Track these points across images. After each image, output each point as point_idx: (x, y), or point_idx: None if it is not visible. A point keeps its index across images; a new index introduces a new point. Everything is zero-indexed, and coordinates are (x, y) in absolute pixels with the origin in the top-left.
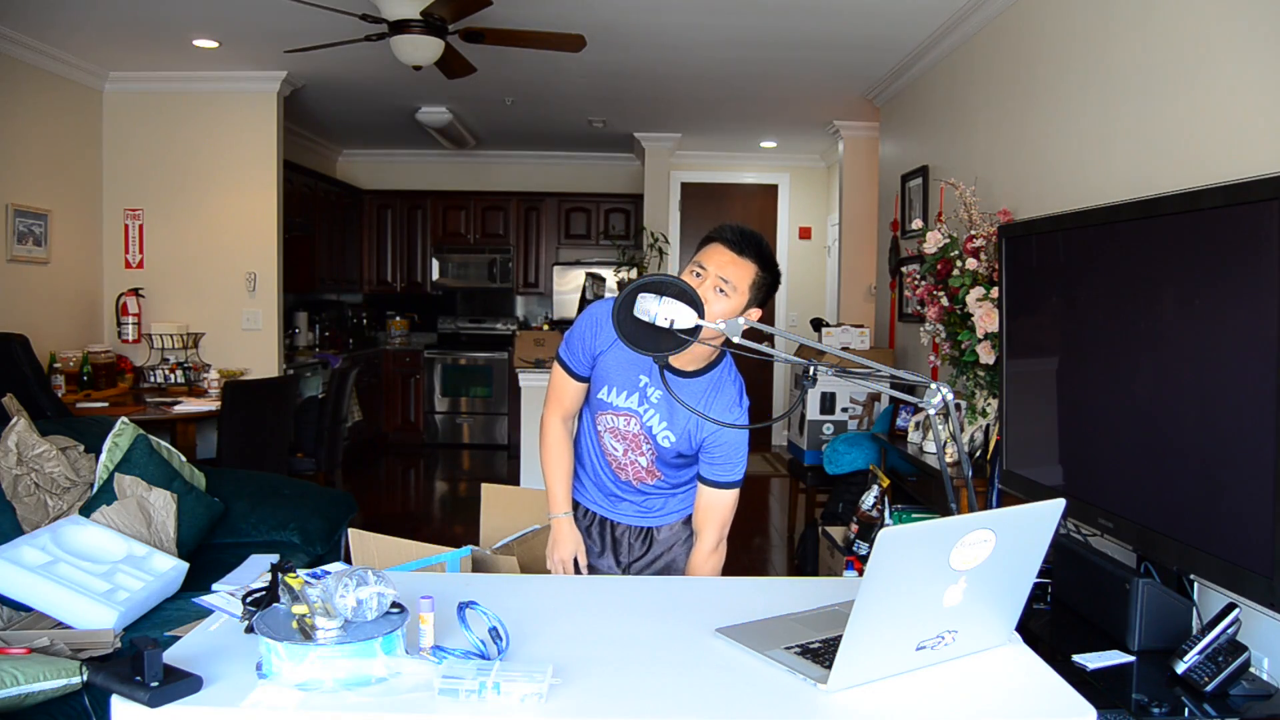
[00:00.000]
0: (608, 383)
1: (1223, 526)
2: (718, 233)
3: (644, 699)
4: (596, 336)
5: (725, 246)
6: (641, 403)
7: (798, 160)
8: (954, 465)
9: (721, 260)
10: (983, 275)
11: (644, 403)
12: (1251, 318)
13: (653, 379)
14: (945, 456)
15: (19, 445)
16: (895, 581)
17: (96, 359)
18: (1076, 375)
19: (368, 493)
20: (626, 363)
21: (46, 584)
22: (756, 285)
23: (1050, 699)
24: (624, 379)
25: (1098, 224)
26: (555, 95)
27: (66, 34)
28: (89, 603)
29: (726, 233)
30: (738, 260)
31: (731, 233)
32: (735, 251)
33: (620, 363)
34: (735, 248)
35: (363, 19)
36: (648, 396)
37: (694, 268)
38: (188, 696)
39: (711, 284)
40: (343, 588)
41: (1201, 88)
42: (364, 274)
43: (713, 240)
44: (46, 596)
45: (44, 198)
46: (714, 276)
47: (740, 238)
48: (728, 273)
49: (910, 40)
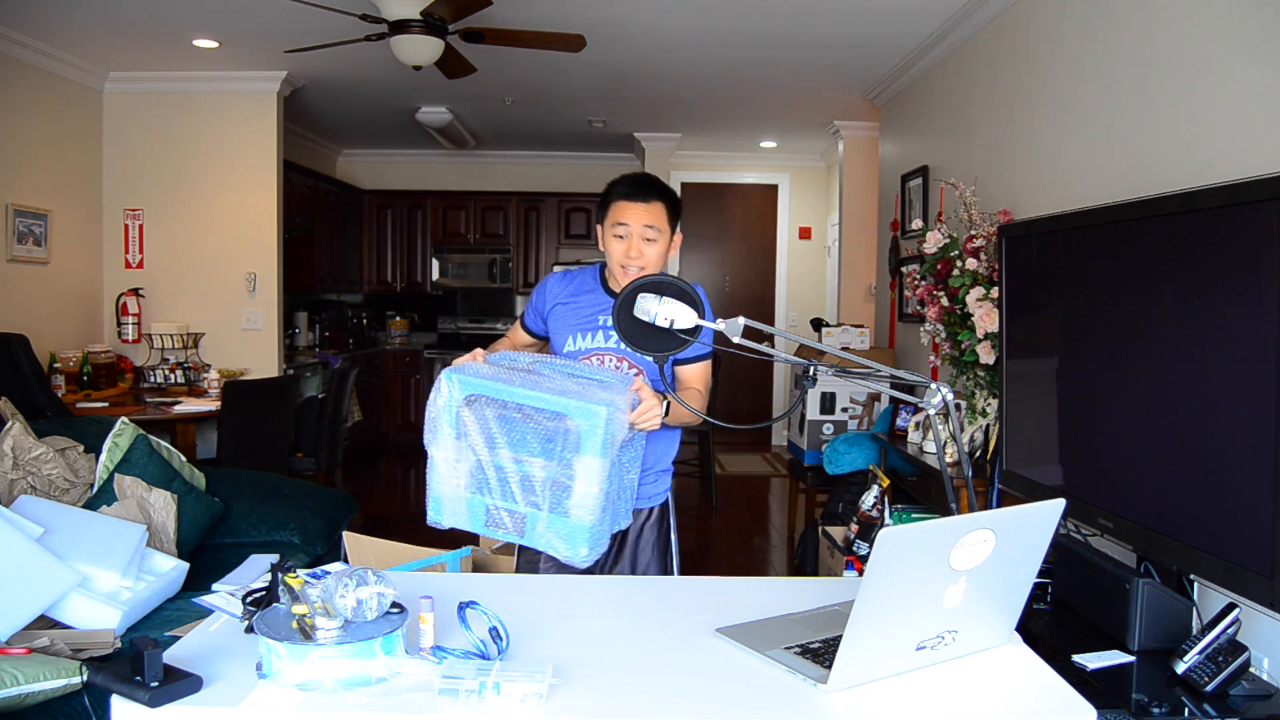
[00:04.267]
0: (569, 333)
1: (1223, 526)
2: (617, 190)
3: (644, 699)
4: (546, 296)
5: (632, 200)
6: (609, 337)
7: (798, 160)
8: (954, 465)
9: (636, 213)
10: (983, 275)
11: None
12: (1251, 318)
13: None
14: (945, 456)
15: (14, 449)
16: (895, 581)
17: (96, 359)
18: (1076, 375)
19: (368, 493)
20: (578, 307)
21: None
22: (671, 217)
23: (1050, 699)
24: (583, 323)
25: (1098, 224)
26: (555, 95)
27: (66, 34)
28: (92, 603)
29: (624, 187)
30: (648, 206)
31: (628, 185)
32: (642, 200)
33: (572, 310)
34: (641, 196)
35: (363, 19)
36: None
37: (614, 230)
38: (188, 696)
39: (639, 237)
40: (343, 588)
41: (1201, 88)
42: (364, 274)
43: (616, 199)
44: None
45: (44, 198)
46: (639, 229)
47: (638, 185)
48: (646, 221)
49: (910, 40)
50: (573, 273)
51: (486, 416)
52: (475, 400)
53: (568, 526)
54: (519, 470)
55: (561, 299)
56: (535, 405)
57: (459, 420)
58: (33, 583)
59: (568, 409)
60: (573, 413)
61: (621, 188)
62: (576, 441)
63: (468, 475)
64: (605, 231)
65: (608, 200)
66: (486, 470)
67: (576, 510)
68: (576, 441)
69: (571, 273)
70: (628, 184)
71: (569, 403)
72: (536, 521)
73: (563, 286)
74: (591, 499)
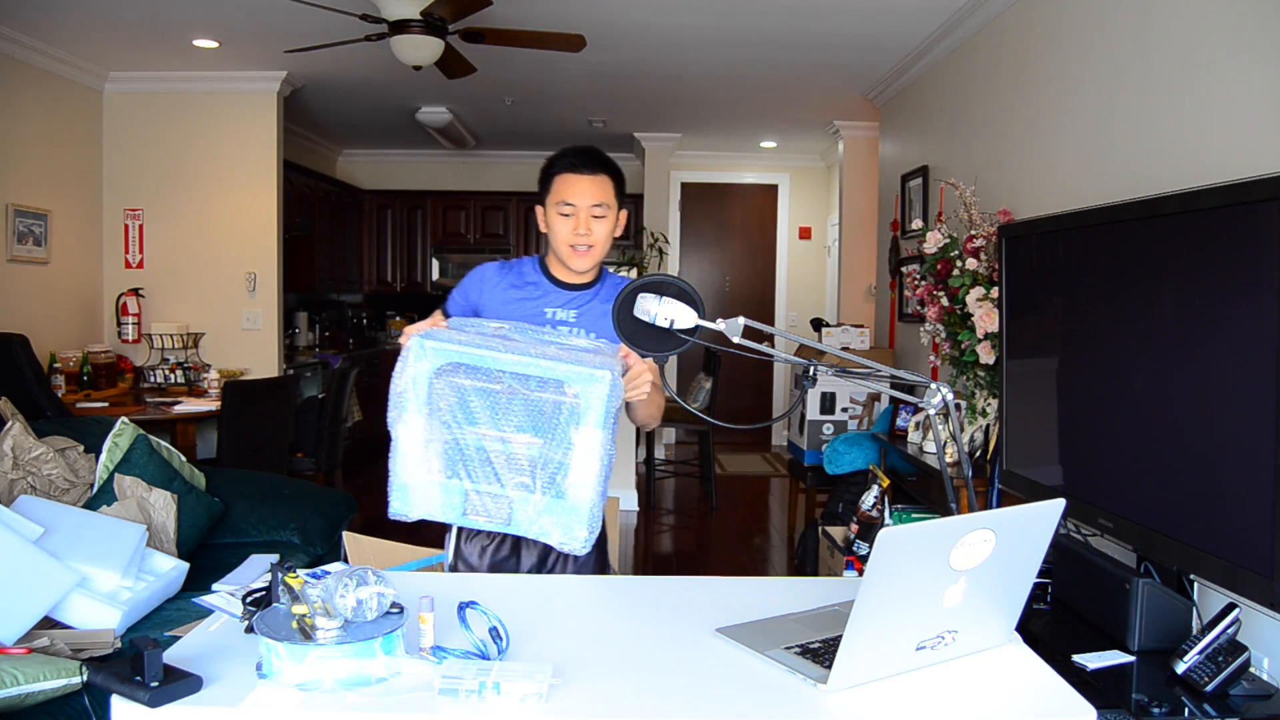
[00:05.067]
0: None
1: (1223, 526)
2: (561, 164)
3: (644, 699)
4: (483, 285)
5: (578, 173)
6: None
7: (798, 160)
8: (954, 465)
9: (582, 189)
10: (983, 275)
11: (562, 326)
12: (1251, 318)
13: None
14: (945, 456)
15: (14, 449)
16: (895, 581)
17: (96, 359)
18: (1076, 375)
19: (368, 493)
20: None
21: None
22: (618, 191)
23: (1050, 699)
24: (527, 317)
25: (1098, 224)
26: (555, 95)
27: (66, 34)
28: (92, 603)
29: (569, 160)
30: (595, 179)
31: (574, 157)
32: (589, 172)
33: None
34: (587, 168)
35: (363, 19)
36: (562, 321)
37: (559, 208)
38: (188, 696)
39: (586, 215)
40: (343, 587)
41: (1201, 87)
42: (364, 274)
43: (559, 172)
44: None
45: (44, 198)
46: (585, 208)
47: (583, 158)
48: (594, 196)
49: (910, 40)
50: (510, 263)
51: (464, 388)
52: (447, 371)
53: (564, 509)
54: (504, 449)
55: (501, 291)
56: (527, 373)
57: (431, 394)
58: (34, 585)
59: (567, 375)
60: (573, 379)
61: (566, 160)
62: (574, 412)
63: (440, 457)
64: (549, 210)
65: (550, 175)
66: (465, 450)
67: (576, 489)
68: (574, 412)
69: (509, 263)
70: (573, 156)
71: (569, 369)
72: (526, 505)
73: (502, 277)
74: (592, 476)
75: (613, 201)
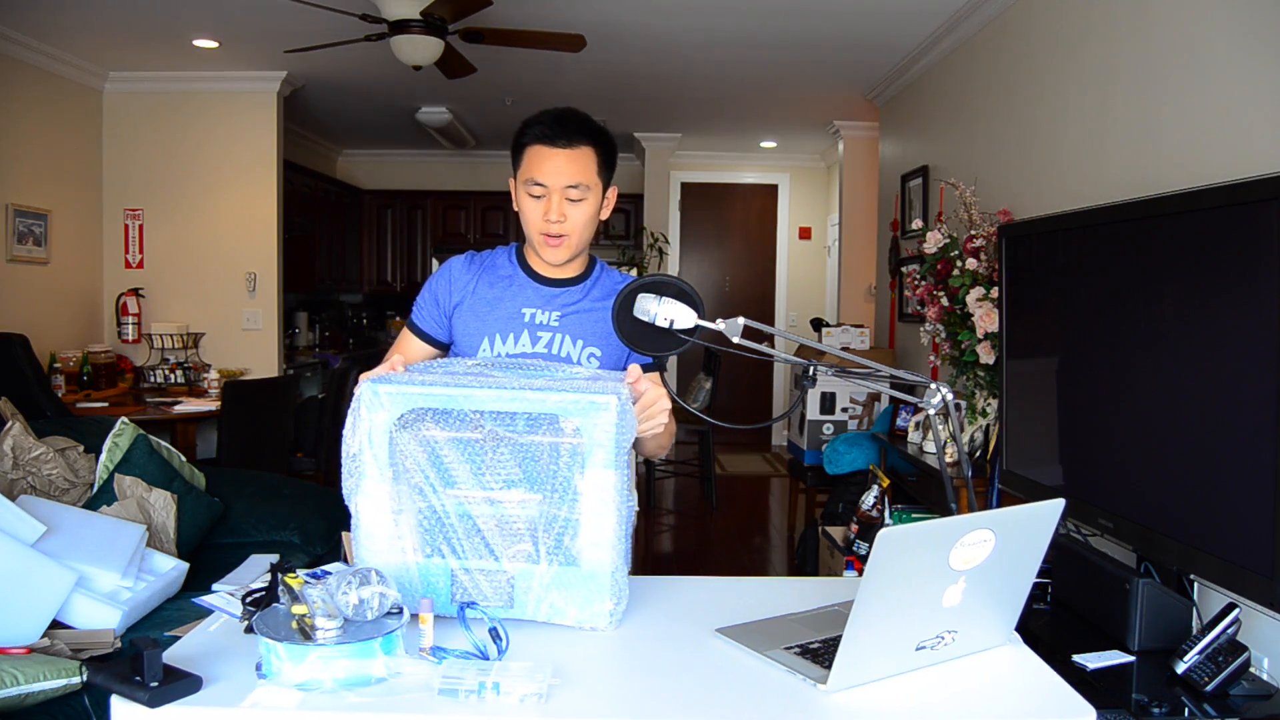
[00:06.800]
0: (484, 335)
1: (1223, 526)
2: (532, 133)
3: (644, 699)
4: (451, 285)
5: (551, 145)
6: (536, 339)
7: (798, 160)
8: (954, 465)
9: (555, 165)
10: (983, 275)
11: (542, 332)
12: (1251, 318)
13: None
14: (945, 456)
15: (14, 449)
16: (895, 581)
17: (96, 359)
18: (1076, 375)
19: None
20: (495, 300)
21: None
22: (602, 166)
23: (1050, 699)
24: (503, 321)
25: (1098, 224)
26: (555, 95)
27: (66, 34)
28: (92, 603)
29: (542, 128)
30: (572, 154)
31: (548, 125)
32: (565, 144)
33: (489, 303)
34: (563, 140)
35: (363, 19)
36: (542, 325)
37: (528, 187)
38: (187, 696)
39: (560, 198)
40: (345, 586)
41: (1201, 87)
42: (364, 274)
43: (529, 144)
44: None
45: (44, 198)
46: (559, 189)
47: (558, 126)
48: (570, 176)
49: (910, 40)
50: (480, 255)
51: (434, 441)
52: (411, 421)
53: (579, 578)
54: (494, 512)
55: (472, 290)
56: (511, 409)
57: (394, 452)
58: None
59: (563, 407)
60: (570, 411)
61: (538, 128)
62: (576, 453)
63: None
64: (518, 188)
65: (521, 146)
66: (445, 519)
67: (591, 551)
68: (576, 453)
69: (480, 255)
70: (547, 124)
71: (564, 398)
72: (530, 580)
73: (471, 274)
74: (610, 532)
75: (594, 180)
